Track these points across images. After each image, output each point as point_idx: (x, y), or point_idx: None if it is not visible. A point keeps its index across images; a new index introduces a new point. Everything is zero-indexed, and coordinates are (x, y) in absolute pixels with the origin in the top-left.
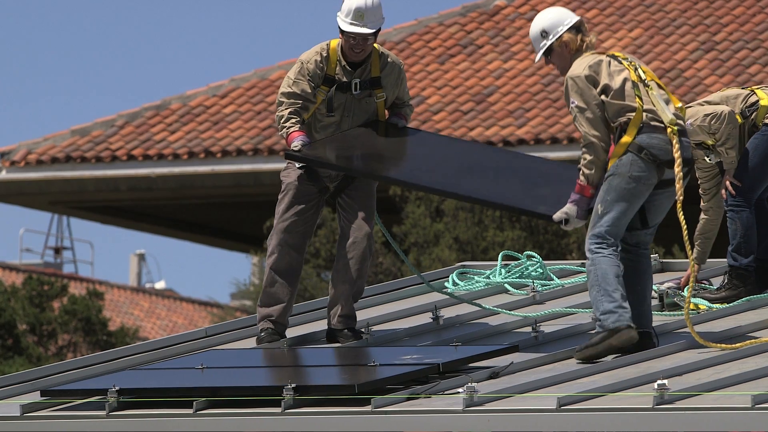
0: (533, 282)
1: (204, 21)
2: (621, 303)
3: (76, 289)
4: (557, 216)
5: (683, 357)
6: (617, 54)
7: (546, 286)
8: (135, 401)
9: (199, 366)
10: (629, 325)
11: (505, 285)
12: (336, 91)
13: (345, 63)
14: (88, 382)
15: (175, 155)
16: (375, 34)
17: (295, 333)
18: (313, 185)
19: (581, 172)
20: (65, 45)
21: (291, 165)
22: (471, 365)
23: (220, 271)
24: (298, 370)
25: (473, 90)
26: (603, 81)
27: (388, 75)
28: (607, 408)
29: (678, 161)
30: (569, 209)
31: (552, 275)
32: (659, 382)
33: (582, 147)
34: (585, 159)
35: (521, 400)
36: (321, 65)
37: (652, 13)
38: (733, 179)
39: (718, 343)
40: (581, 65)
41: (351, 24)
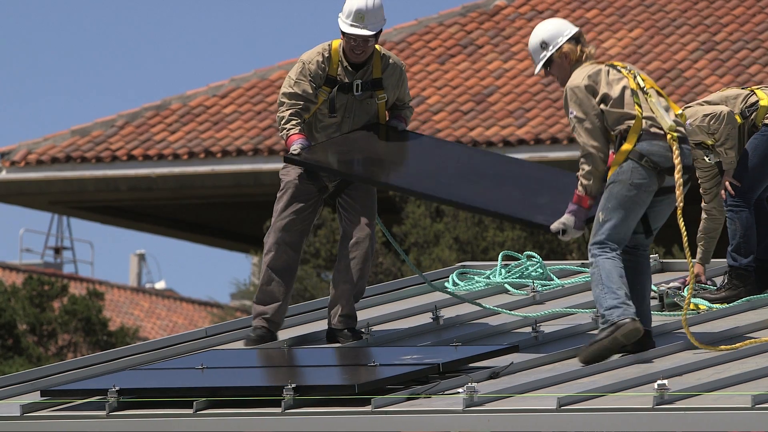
0: (533, 282)
1: (204, 21)
2: (625, 300)
3: (76, 289)
4: (555, 227)
5: (683, 357)
6: (616, 63)
7: (546, 286)
8: (135, 401)
9: (199, 366)
10: (634, 319)
11: (505, 285)
12: (338, 92)
13: (347, 64)
14: (88, 382)
15: (175, 155)
16: (376, 36)
17: (295, 333)
18: (313, 184)
19: (579, 182)
20: (65, 45)
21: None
22: (471, 365)
23: (220, 271)
24: (298, 370)
25: (473, 90)
26: (602, 90)
27: (389, 76)
28: (607, 408)
29: (678, 168)
30: (567, 220)
31: (552, 275)
32: (659, 382)
33: (580, 157)
34: (583, 169)
35: (521, 400)
36: (323, 66)
37: (652, 13)
38: (733, 179)
39: (717, 344)
40: (580, 75)
41: (351, 25)
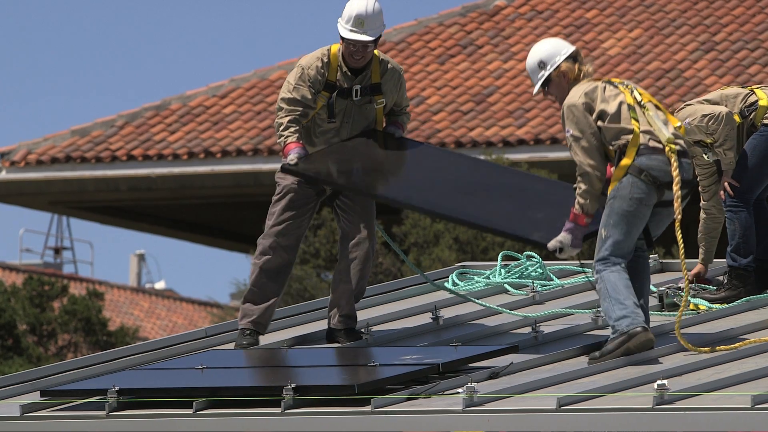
0: (533, 282)
1: (204, 21)
2: (633, 308)
3: (76, 290)
4: (551, 245)
5: (683, 357)
6: (614, 79)
7: (546, 286)
8: (135, 401)
9: (199, 366)
10: (645, 328)
11: (505, 285)
12: (337, 97)
13: (346, 69)
14: (88, 382)
15: (175, 155)
16: (375, 41)
17: (295, 333)
18: (311, 187)
19: (576, 200)
20: (65, 45)
21: None
22: (471, 365)
23: (220, 271)
24: (298, 370)
25: (473, 90)
26: (599, 107)
27: (388, 81)
28: (607, 408)
29: (677, 180)
30: (563, 238)
31: (552, 275)
32: (659, 382)
33: (577, 176)
34: (580, 188)
35: (521, 400)
36: (322, 71)
37: (652, 13)
38: (732, 180)
39: (717, 345)
40: (577, 93)
41: (351, 31)
